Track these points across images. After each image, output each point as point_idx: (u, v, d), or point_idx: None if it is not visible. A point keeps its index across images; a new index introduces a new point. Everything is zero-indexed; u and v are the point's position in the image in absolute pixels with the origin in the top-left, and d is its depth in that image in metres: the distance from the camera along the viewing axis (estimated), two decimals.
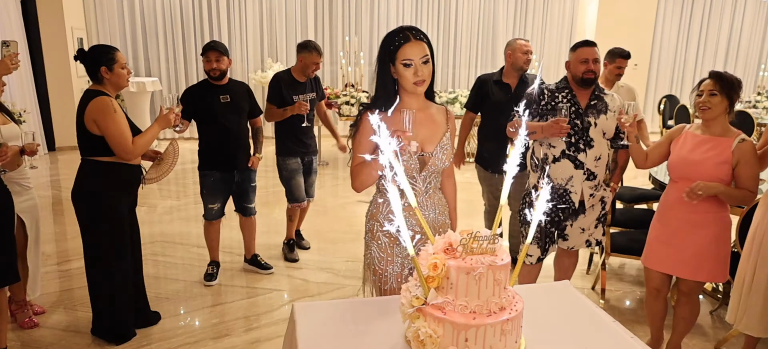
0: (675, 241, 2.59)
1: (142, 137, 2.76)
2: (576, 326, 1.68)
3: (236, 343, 3.03)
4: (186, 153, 8.23)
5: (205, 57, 3.47)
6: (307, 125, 3.90)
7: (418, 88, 1.88)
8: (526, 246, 1.53)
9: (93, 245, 2.84)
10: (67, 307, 3.37)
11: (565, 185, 2.87)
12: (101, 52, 2.75)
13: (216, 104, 3.44)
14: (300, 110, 3.76)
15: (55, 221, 5.05)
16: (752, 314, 2.60)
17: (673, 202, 2.59)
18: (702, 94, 2.49)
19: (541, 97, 2.89)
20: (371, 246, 2.03)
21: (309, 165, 4.07)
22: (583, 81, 2.81)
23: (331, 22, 9.55)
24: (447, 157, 2.00)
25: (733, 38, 10.60)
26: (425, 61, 1.85)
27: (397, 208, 1.37)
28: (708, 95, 2.47)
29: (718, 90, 2.45)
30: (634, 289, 3.77)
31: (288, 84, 3.89)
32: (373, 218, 2.02)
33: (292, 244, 4.23)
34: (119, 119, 2.69)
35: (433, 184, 2.02)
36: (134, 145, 2.72)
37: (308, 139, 3.98)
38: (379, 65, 1.91)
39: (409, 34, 1.85)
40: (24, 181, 2.99)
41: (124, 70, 2.76)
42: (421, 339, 1.38)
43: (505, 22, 10.00)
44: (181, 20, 9.05)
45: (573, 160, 2.83)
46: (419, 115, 1.91)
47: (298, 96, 3.86)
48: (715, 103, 2.46)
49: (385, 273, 1.99)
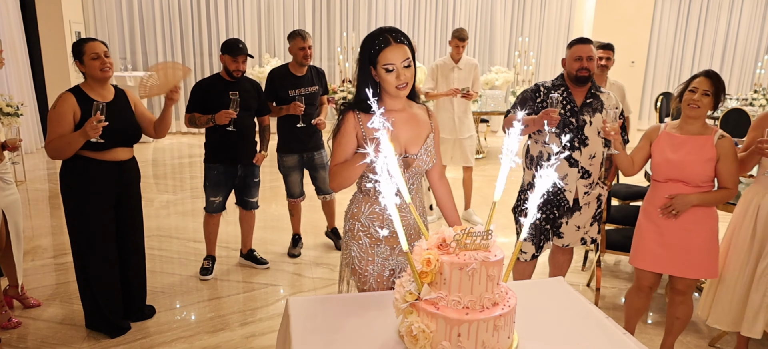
0: (667, 241, 2.59)
1: (60, 140, 2.65)
2: (569, 323, 1.69)
3: (232, 337, 3.04)
4: (183, 147, 8.23)
5: (233, 58, 3.45)
6: (302, 126, 3.84)
7: (402, 93, 1.86)
8: (520, 243, 1.54)
9: (71, 238, 2.87)
10: (62, 300, 3.37)
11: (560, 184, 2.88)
12: (73, 46, 2.76)
13: (225, 100, 3.44)
14: (295, 111, 3.73)
15: (52, 214, 5.05)
16: (721, 308, 2.71)
17: (661, 203, 2.58)
18: (695, 91, 2.47)
19: (537, 95, 2.89)
20: (351, 245, 2.01)
21: (310, 161, 4.02)
22: (578, 79, 2.80)
23: (328, 18, 9.54)
24: (431, 159, 1.98)
25: (731, 35, 10.62)
26: (407, 66, 1.83)
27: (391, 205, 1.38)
28: (701, 94, 2.45)
29: (711, 91, 2.44)
30: (628, 286, 3.78)
31: (283, 79, 3.86)
32: (354, 218, 2.00)
33: (296, 238, 4.23)
34: (54, 116, 2.65)
35: (416, 185, 2.01)
36: (48, 145, 2.68)
37: (306, 137, 3.93)
38: (360, 67, 1.88)
39: (390, 37, 1.81)
40: (6, 175, 3.00)
41: (95, 61, 2.70)
42: (414, 334, 1.39)
43: (502, 18, 10.00)
44: (179, 15, 9.04)
45: (568, 159, 2.84)
46: (402, 116, 1.91)
47: (294, 90, 3.83)
48: (706, 103, 2.45)
49: (365, 273, 1.98)
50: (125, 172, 2.90)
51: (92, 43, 2.73)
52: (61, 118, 2.65)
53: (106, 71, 2.74)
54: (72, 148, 2.65)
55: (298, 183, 4.07)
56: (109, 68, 2.75)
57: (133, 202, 3.02)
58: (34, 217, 4.98)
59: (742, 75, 10.88)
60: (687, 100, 2.49)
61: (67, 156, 2.71)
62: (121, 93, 2.92)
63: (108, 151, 2.77)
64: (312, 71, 3.97)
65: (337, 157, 1.92)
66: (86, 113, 2.65)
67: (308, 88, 3.90)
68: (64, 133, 2.65)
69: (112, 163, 2.81)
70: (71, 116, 2.66)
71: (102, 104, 2.58)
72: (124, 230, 2.99)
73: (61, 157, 2.72)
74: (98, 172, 2.78)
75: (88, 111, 2.64)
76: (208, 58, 9.17)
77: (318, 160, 4.04)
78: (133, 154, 2.97)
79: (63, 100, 2.68)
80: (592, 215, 2.96)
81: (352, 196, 2.06)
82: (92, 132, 2.56)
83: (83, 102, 2.69)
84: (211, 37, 9.16)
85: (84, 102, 2.69)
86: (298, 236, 4.26)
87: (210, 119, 3.43)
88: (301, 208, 4.23)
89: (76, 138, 2.62)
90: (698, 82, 2.48)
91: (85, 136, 2.58)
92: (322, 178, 4.09)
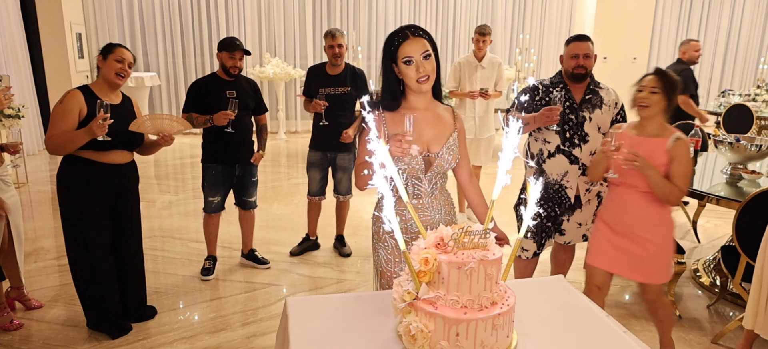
0: (623, 243, 2.49)
1: (63, 135, 2.64)
2: (569, 321, 1.68)
3: (233, 337, 3.04)
4: (184, 148, 8.24)
5: (230, 54, 3.44)
6: (325, 124, 3.84)
7: (423, 87, 1.85)
8: (519, 241, 1.53)
9: (66, 239, 2.88)
10: (65, 301, 3.38)
11: (560, 181, 2.87)
12: (106, 44, 2.83)
13: (222, 99, 3.43)
14: (316, 108, 3.77)
15: (54, 215, 5.05)
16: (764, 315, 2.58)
17: (618, 205, 2.51)
18: (643, 89, 2.38)
19: (536, 93, 2.87)
20: (378, 248, 2.02)
21: (333, 161, 4.02)
22: (574, 76, 2.79)
23: (329, 17, 9.53)
24: (453, 158, 1.98)
25: (733, 30, 10.57)
26: (427, 57, 1.83)
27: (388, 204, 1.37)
28: (649, 92, 2.36)
29: (659, 88, 2.35)
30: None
31: (316, 76, 3.91)
32: (380, 221, 2.00)
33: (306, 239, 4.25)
34: (59, 111, 2.65)
35: (439, 184, 2.00)
36: (50, 140, 2.67)
37: (330, 136, 3.88)
38: (384, 67, 1.90)
39: (408, 32, 1.84)
40: (6, 177, 3.02)
41: (117, 64, 2.73)
42: (412, 334, 1.38)
43: (504, 15, 9.97)
44: (179, 15, 9.05)
45: (568, 156, 2.82)
46: (426, 115, 1.91)
47: (324, 89, 3.83)
48: (655, 101, 2.35)
49: (393, 275, 1.98)
50: (123, 175, 2.90)
51: (123, 49, 2.80)
52: (67, 113, 2.65)
53: (121, 77, 2.77)
54: (74, 145, 2.65)
55: (318, 181, 4.06)
56: (124, 77, 2.79)
57: (130, 204, 3.01)
58: (37, 218, 4.99)
59: (745, 70, 10.84)
60: (636, 99, 2.41)
61: (67, 152, 2.70)
62: (128, 99, 2.93)
63: (107, 154, 2.77)
64: (348, 72, 3.93)
65: (362, 156, 1.92)
66: (92, 113, 2.66)
67: (338, 89, 3.87)
68: (67, 129, 2.64)
69: (109, 166, 2.81)
70: (77, 113, 2.67)
71: (106, 103, 2.58)
72: (122, 233, 2.98)
73: (62, 152, 2.72)
74: (95, 173, 2.78)
75: (94, 110, 2.65)
76: (209, 58, 9.17)
77: (340, 162, 4.01)
78: (133, 158, 2.98)
79: (71, 96, 2.68)
80: (594, 211, 2.94)
81: (378, 200, 2.04)
82: (99, 130, 2.56)
83: (91, 101, 2.70)
84: (211, 37, 9.16)
85: (92, 101, 2.70)
86: (308, 237, 4.24)
87: (208, 120, 3.42)
88: (321, 208, 4.19)
89: (79, 135, 2.62)
90: (646, 81, 2.39)
91: (91, 134, 2.58)
92: (340, 179, 4.08)
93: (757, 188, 3.02)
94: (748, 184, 3.39)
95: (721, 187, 3.35)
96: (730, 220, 2.89)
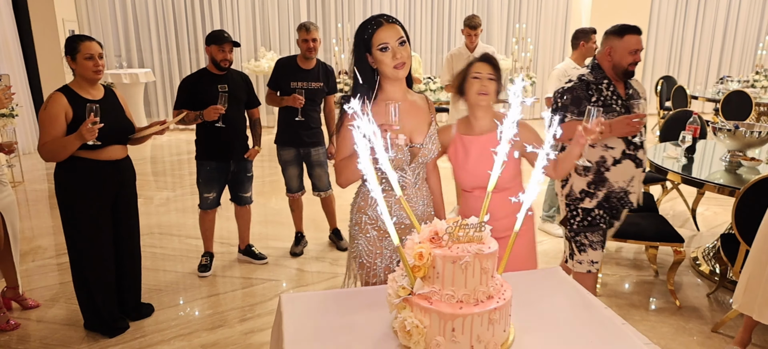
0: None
1: (54, 143, 2.60)
2: (567, 312, 1.66)
3: (231, 333, 3.02)
4: (182, 144, 8.20)
5: (219, 47, 3.39)
6: (301, 120, 3.77)
7: (399, 72, 1.82)
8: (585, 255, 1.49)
9: (67, 239, 2.85)
10: (62, 301, 3.36)
11: (626, 187, 2.64)
12: (67, 41, 2.70)
13: (214, 94, 3.39)
14: (294, 103, 3.68)
15: (51, 214, 5.03)
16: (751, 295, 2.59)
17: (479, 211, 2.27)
18: (479, 76, 2.09)
19: (590, 93, 2.54)
20: (358, 238, 1.98)
21: (307, 157, 3.94)
22: (627, 73, 2.54)
23: (323, 10, 9.47)
24: (436, 147, 1.96)
25: (731, 17, 10.52)
26: (402, 43, 1.81)
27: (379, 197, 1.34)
28: (487, 80, 2.09)
29: (495, 76, 2.11)
30: (630, 273, 3.76)
31: (287, 69, 3.80)
32: (361, 211, 1.97)
33: (299, 237, 4.18)
34: (46, 118, 2.60)
35: (422, 175, 1.99)
36: (42, 148, 2.63)
37: (303, 131, 3.83)
38: (356, 57, 1.86)
39: (381, 19, 1.82)
40: (2, 177, 2.99)
41: (88, 61, 2.65)
42: (407, 330, 1.36)
43: (499, 4, 9.91)
44: (173, 11, 8.98)
45: (634, 160, 2.58)
46: (404, 106, 1.87)
47: (297, 83, 3.74)
48: (493, 89, 2.10)
49: (373, 267, 1.96)
50: (120, 172, 2.87)
51: (88, 42, 2.67)
52: (53, 119, 2.61)
53: (98, 73, 2.70)
54: (67, 152, 2.62)
55: (296, 178, 4.01)
56: (101, 70, 2.71)
57: (129, 201, 2.99)
58: (34, 217, 4.97)
59: (743, 56, 10.80)
60: (476, 89, 2.09)
61: (61, 159, 2.68)
62: (110, 91, 2.88)
63: (103, 151, 2.74)
64: (320, 67, 3.87)
65: (342, 152, 1.89)
66: (78, 113, 2.61)
67: (312, 84, 3.80)
68: (57, 134, 2.61)
69: (107, 163, 2.78)
70: (63, 117, 2.62)
71: (96, 106, 2.53)
72: (121, 230, 2.96)
73: (56, 159, 2.68)
74: (93, 172, 2.75)
75: (79, 111, 2.60)
76: (204, 53, 9.11)
77: (315, 157, 3.94)
78: (128, 152, 2.94)
79: (54, 100, 2.63)
80: None
81: (358, 188, 2.03)
82: (88, 135, 2.51)
83: (74, 102, 2.65)
84: (205, 32, 9.08)
85: (75, 101, 2.65)
86: (301, 234, 4.19)
87: (198, 116, 3.38)
88: (303, 203, 4.17)
89: (71, 141, 2.58)
90: (480, 67, 2.11)
91: (81, 139, 2.54)
92: (318, 175, 4.01)
93: (756, 175, 3.00)
94: (747, 171, 3.37)
95: (720, 174, 3.33)
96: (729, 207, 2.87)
